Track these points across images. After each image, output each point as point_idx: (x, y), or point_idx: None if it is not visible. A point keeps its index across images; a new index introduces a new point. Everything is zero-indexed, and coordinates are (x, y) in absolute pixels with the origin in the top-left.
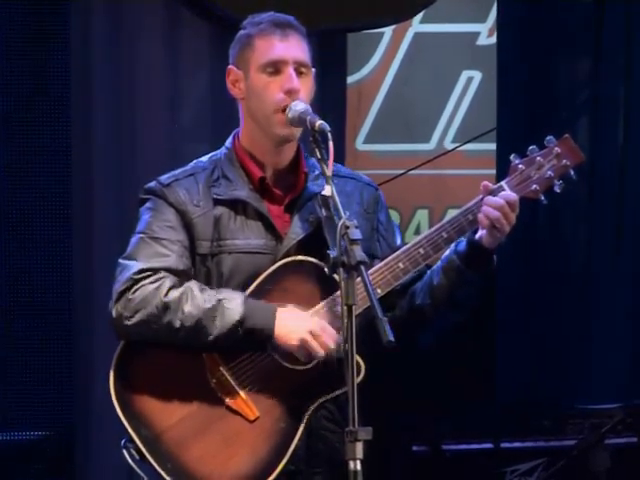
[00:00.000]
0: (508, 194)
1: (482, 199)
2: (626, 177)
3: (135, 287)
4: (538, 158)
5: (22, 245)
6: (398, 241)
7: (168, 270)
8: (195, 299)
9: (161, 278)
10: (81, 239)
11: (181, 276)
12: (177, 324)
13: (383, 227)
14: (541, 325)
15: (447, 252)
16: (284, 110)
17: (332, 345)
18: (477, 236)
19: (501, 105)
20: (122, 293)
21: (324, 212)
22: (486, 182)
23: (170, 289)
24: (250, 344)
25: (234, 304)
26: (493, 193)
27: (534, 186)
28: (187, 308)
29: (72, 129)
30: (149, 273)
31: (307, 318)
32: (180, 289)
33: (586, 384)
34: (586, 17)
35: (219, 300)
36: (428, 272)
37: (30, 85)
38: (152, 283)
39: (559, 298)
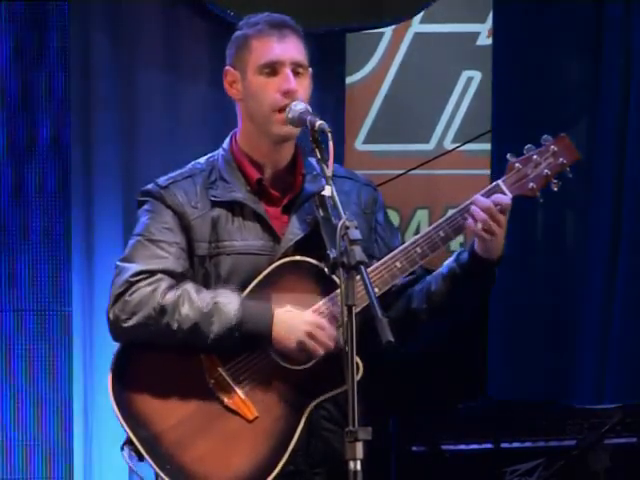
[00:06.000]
0: (499, 196)
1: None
2: (625, 178)
3: (132, 289)
4: (535, 156)
5: (22, 245)
6: (396, 242)
7: (165, 272)
8: (192, 301)
9: (157, 280)
10: (81, 240)
11: (178, 278)
12: (175, 326)
13: (381, 227)
14: (535, 326)
15: (449, 260)
16: (283, 110)
17: (330, 343)
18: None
19: (497, 106)
20: (119, 296)
21: (321, 213)
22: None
23: (167, 291)
24: (248, 345)
25: (231, 307)
26: (489, 192)
27: (531, 184)
28: (184, 310)
29: (71, 129)
30: (146, 275)
31: (304, 317)
32: (177, 291)
33: (582, 385)
34: (585, 17)
35: (216, 303)
36: (427, 277)
37: (29, 86)
38: (149, 285)
39: (555, 299)
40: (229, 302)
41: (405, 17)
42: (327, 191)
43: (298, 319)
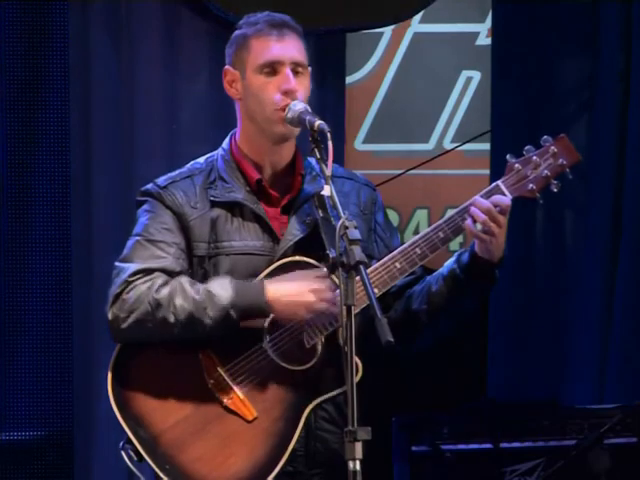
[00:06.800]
0: (499, 197)
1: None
2: (625, 178)
3: (129, 288)
4: (534, 157)
5: (21, 245)
6: (396, 242)
7: (163, 271)
8: (185, 292)
9: (154, 277)
10: (80, 240)
11: (176, 277)
12: (171, 319)
13: (381, 228)
14: (534, 327)
15: (450, 261)
16: (283, 109)
17: (329, 294)
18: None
19: (496, 105)
20: (117, 296)
21: (320, 213)
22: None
23: (161, 286)
24: (248, 320)
25: (223, 291)
26: (488, 193)
27: (530, 185)
28: (178, 302)
29: (71, 129)
30: (143, 274)
31: (297, 277)
32: (171, 284)
33: (582, 385)
34: (584, 17)
35: (207, 289)
36: (427, 278)
37: (29, 85)
38: (145, 283)
39: (555, 299)
40: (220, 286)
41: (405, 17)
42: (326, 191)
43: (289, 281)
